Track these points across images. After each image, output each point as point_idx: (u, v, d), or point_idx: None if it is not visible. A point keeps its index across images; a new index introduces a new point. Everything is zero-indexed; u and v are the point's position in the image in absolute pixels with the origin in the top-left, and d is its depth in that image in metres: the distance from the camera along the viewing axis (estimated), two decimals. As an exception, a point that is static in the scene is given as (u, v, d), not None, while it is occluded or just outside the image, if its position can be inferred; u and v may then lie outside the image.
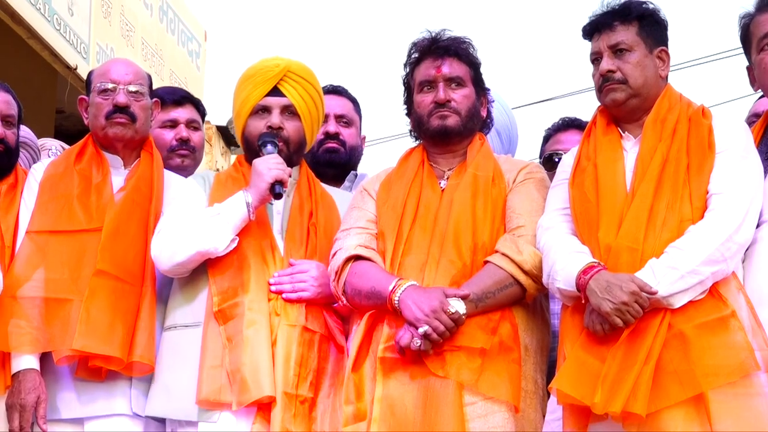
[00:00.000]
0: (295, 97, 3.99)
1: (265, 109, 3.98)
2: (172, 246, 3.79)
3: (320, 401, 3.73)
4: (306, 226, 3.95)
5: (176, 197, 3.99)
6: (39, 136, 4.85)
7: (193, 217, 3.83)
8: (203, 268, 3.83)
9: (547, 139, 4.70)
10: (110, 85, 4.05)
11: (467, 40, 3.95)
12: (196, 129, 4.64)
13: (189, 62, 11.01)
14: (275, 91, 3.98)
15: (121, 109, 4.03)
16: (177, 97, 4.67)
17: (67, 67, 8.39)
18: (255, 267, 3.79)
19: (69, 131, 8.53)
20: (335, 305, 3.87)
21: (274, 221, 3.95)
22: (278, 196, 3.82)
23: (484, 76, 3.97)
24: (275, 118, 3.96)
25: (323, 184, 4.20)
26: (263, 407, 3.63)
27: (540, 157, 4.65)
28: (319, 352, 3.77)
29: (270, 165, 3.82)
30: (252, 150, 3.98)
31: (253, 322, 3.69)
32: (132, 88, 4.06)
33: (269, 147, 3.91)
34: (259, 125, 3.98)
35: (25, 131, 4.43)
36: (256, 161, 3.87)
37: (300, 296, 3.78)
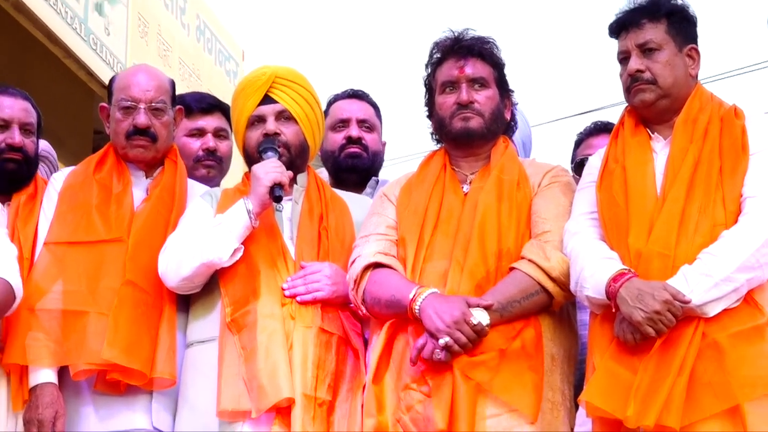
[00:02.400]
0: (287, 101, 3.90)
1: (260, 119, 3.90)
2: (176, 260, 3.71)
3: (338, 405, 3.62)
4: (317, 230, 3.85)
5: (184, 215, 3.91)
6: (77, 157, 4.77)
7: (196, 230, 3.75)
8: (216, 284, 3.75)
9: (578, 144, 4.58)
10: (131, 103, 3.96)
11: (491, 40, 3.84)
12: (224, 138, 4.53)
13: (227, 82, 11.00)
14: (268, 100, 3.90)
15: (141, 130, 3.95)
16: (204, 104, 4.56)
17: (104, 86, 8.35)
18: (265, 273, 3.70)
19: (108, 152, 8.50)
20: (352, 306, 3.76)
21: (284, 228, 3.86)
22: (278, 199, 3.73)
23: (508, 78, 3.86)
24: (270, 125, 3.88)
25: (337, 190, 4.11)
26: (282, 411, 3.52)
27: (571, 162, 4.54)
28: (337, 355, 3.66)
29: (268, 169, 3.73)
30: (253, 161, 3.89)
31: (267, 328, 3.60)
32: (153, 105, 3.97)
33: (269, 153, 3.83)
34: (255, 135, 3.90)
35: (44, 144, 4.35)
36: (254, 167, 3.79)
37: (315, 296, 3.67)
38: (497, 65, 3.82)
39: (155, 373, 3.70)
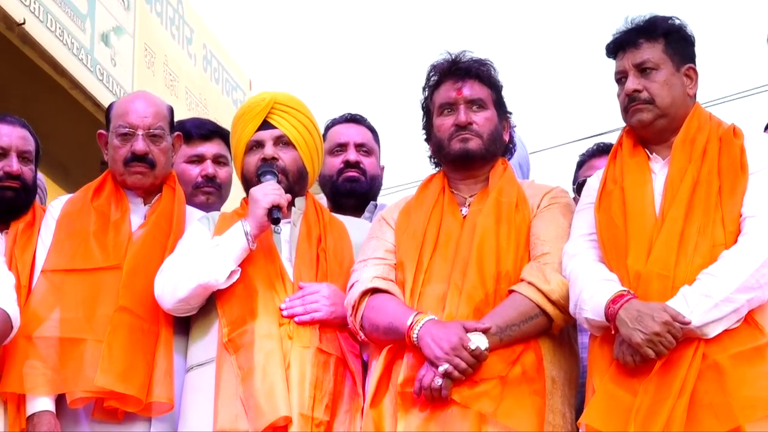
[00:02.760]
0: (286, 126, 3.89)
1: (259, 144, 3.89)
2: (173, 282, 3.69)
3: (336, 427, 3.59)
4: (316, 252, 3.83)
5: (181, 239, 3.89)
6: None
7: (193, 252, 3.73)
8: (213, 307, 3.72)
9: (580, 165, 4.56)
10: (128, 130, 3.94)
11: (488, 62, 3.82)
12: (224, 165, 4.50)
13: (234, 111, 10.93)
14: (267, 126, 3.89)
15: (139, 157, 3.93)
16: (204, 131, 4.53)
17: (109, 116, 8.38)
18: (263, 293, 3.68)
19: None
20: (350, 327, 3.73)
21: (283, 249, 3.84)
22: (276, 221, 3.71)
23: (506, 99, 3.85)
24: (269, 150, 3.86)
25: (335, 214, 4.10)
26: (279, 431, 3.49)
27: (573, 184, 4.51)
28: (335, 375, 3.63)
29: (266, 191, 3.72)
30: (252, 186, 3.85)
31: (264, 348, 3.57)
32: (151, 131, 3.96)
33: (268, 176, 3.81)
34: (253, 160, 3.88)
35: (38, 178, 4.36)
36: (253, 189, 3.77)
37: (313, 317, 3.65)
38: (495, 87, 3.80)
39: (152, 398, 3.67)
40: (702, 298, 3.17)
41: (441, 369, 3.33)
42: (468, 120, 3.71)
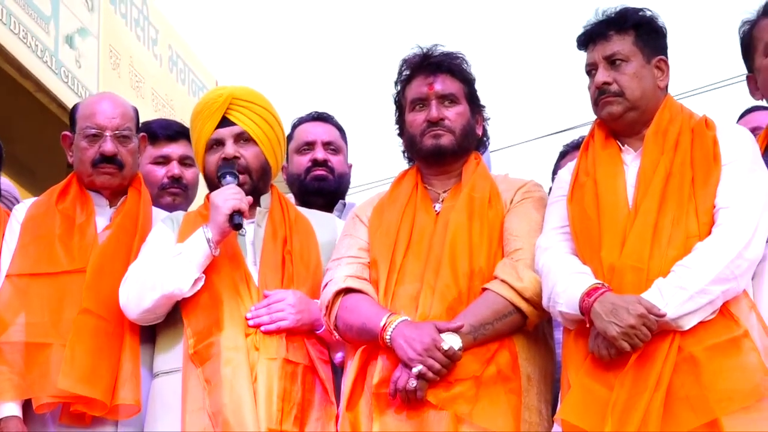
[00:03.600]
0: (246, 122, 3.80)
1: (219, 142, 3.81)
2: (137, 293, 3.62)
3: None
4: (281, 254, 3.76)
5: (146, 242, 3.82)
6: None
7: (156, 261, 3.66)
8: (179, 313, 3.66)
9: (563, 155, 4.55)
10: (96, 131, 3.89)
11: (460, 56, 3.77)
12: (190, 166, 4.45)
13: (201, 112, 10.93)
14: (226, 122, 3.81)
15: (108, 158, 3.88)
16: (170, 132, 4.49)
17: (75, 119, 8.31)
18: (228, 303, 3.60)
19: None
20: (318, 332, 3.69)
21: (248, 253, 3.76)
22: (238, 227, 3.64)
23: (479, 93, 3.80)
24: (229, 148, 3.78)
25: (300, 208, 4.03)
26: None
27: (553, 174, 4.48)
28: (303, 384, 3.57)
29: (226, 196, 3.64)
30: (214, 187, 3.80)
31: (231, 361, 3.50)
32: (119, 132, 3.90)
33: (228, 178, 3.73)
34: (214, 159, 3.81)
35: (6, 185, 4.28)
36: (212, 195, 3.70)
37: (279, 326, 3.58)
38: (467, 81, 3.75)
39: (117, 400, 3.61)
40: (677, 290, 3.14)
41: (415, 370, 3.29)
42: (440, 116, 3.66)
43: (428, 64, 3.72)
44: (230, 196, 3.63)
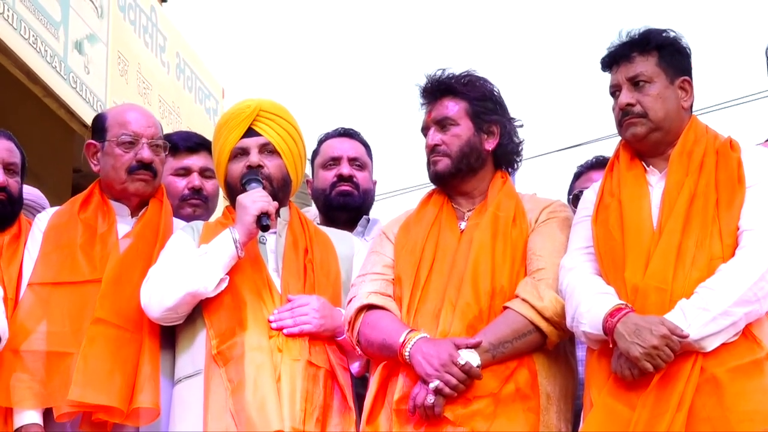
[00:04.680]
0: (271, 134, 3.84)
1: (243, 151, 3.83)
2: (160, 291, 3.61)
3: None
4: (302, 263, 3.78)
5: (165, 247, 3.81)
6: (56, 195, 4.68)
7: (180, 260, 3.66)
8: (199, 316, 3.66)
9: (578, 176, 4.54)
10: (132, 138, 3.90)
11: (465, 74, 3.77)
12: (210, 177, 4.42)
13: (207, 120, 10.90)
14: (251, 133, 3.84)
15: (144, 165, 3.89)
16: (191, 143, 4.48)
17: (84, 125, 8.27)
18: (252, 305, 3.61)
19: (87, 190, 8.43)
20: (339, 339, 3.70)
21: (269, 260, 3.78)
22: (265, 228, 3.66)
23: (494, 105, 3.77)
24: (254, 157, 3.81)
25: (319, 226, 4.06)
26: None
27: (569, 194, 4.49)
28: (324, 388, 3.59)
29: (254, 198, 3.67)
30: (235, 194, 3.80)
31: (255, 361, 3.51)
32: (154, 141, 3.93)
33: (253, 184, 3.76)
34: (238, 167, 3.83)
35: (32, 193, 4.29)
36: (240, 197, 3.71)
37: (302, 329, 3.59)
38: (472, 98, 3.73)
39: (135, 404, 3.60)
40: (700, 311, 3.13)
41: (432, 386, 3.30)
42: (433, 142, 3.70)
43: (431, 91, 3.76)
44: (258, 198, 3.66)
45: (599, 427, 3.19)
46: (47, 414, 3.64)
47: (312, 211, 4.61)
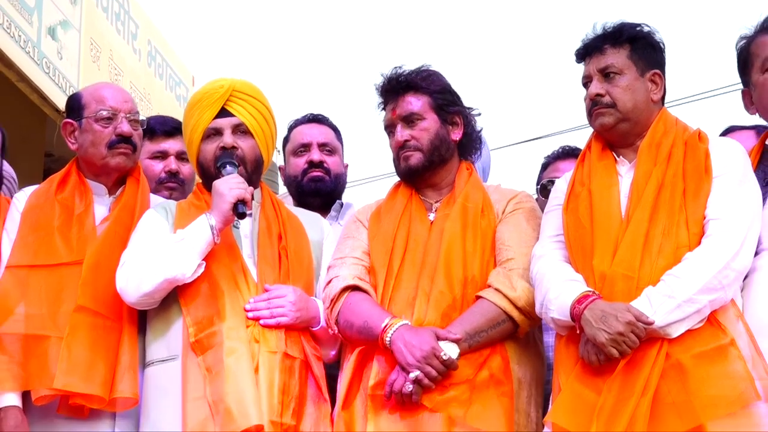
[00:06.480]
0: (244, 115, 3.76)
1: (217, 131, 3.75)
2: (137, 276, 3.53)
3: (303, 429, 3.49)
4: (277, 250, 3.71)
5: (137, 228, 3.74)
6: (28, 179, 4.57)
7: (157, 245, 3.58)
8: (173, 301, 3.58)
9: (545, 166, 4.51)
10: (110, 113, 3.83)
11: (422, 69, 3.75)
12: (187, 161, 4.36)
13: (177, 106, 10.81)
14: (224, 113, 3.75)
15: (124, 138, 3.82)
16: (168, 127, 4.43)
17: (56, 110, 8.19)
18: (229, 293, 3.54)
19: (59, 174, 8.36)
20: (314, 329, 3.66)
21: (243, 245, 3.70)
22: (242, 216, 3.58)
23: (452, 97, 3.76)
24: (228, 138, 3.73)
25: (290, 206, 4.00)
26: None
27: (537, 185, 4.47)
28: (299, 379, 3.53)
29: (231, 185, 3.58)
30: (208, 175, 3.75)
31: (234, 351, 3.43)
32: (132, 115, 3.86)
33: (228, 168, 3.68)
34: (212, 148, 3.74)
35: (7, 171, 4.18)
36: (217, 182, 3.63)
37: (279, 322, 3.53)
38: (434, 92, 3.71)
39: (115, 394, 3.54)
40: (665, 298, 3.12)
41: (412, 376, 3.30)
42: (403, 138, 3.68)
43: (391, 89, 3.73)
44: (235, 185, 3.58)
45: (566, 411, 3.18)
46: (25, 397, 3.56)
47: (288, 200, 4.55)
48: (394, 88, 3.72)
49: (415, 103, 3.69)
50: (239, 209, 3.55)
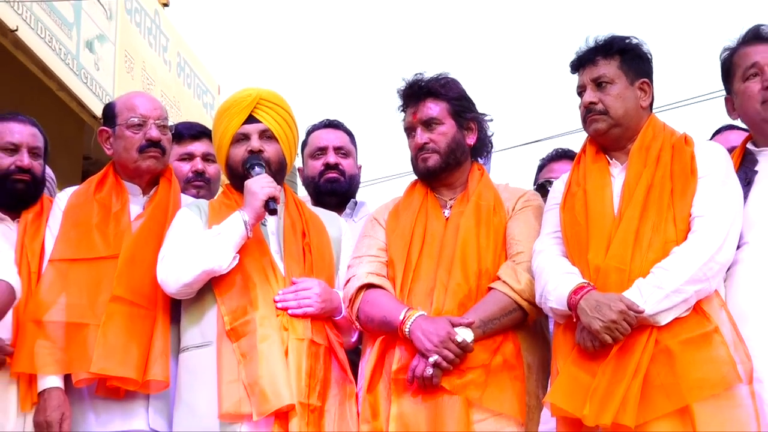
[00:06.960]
0: (270, 121, 3.89)
1: (245, 136, 3.87)
2: (177, 268, 3.66)
3: (327, 410, 3.63)
4: (301, 246, 3.84)
5: (173, 225, 3.87)
6: (67, 180, 4.76)
7: (195, 240, 3.71)
8: (207, 291, 3.71)
9: (541, 168, 4.61)
10: (140, 120, 3.97)
11: (442, 77, 3.85)
12: (212, 162, 4.51)
13: (204, 113, 10.95)
14: (251, 119, 3.89)
15: (153, 143, 3.96)
16: (194, 131, 4.58)
17: (93, 116, 8.35)
18: (260, 285, 3.68)
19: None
20: (336, 318, 3.79)
21: (271, 242, 3.83)
22: (273, 212, 3.72)
23: (468, 104, 3.87)
24: (255, 143, 3.86)
25: (312, 206, 4.13)
26: (280, 416, 3.51)
27: (534, 185, 4.55)
28: (324, 363, 3.66)
29: (262, 183, 3.72)
30: (237, 176, 3.88)
31: (267, 337, 3.57)
32: (161, 122, 3.99)
33: (257, 168, 3.81)
34: (240, 151, 3.87)
35: (48, 174, 4.35)
36: (248, 182, 3.77)
37: (305, 312, 3.67)
38: (452, 98, 3.81)
39: (148, 377, 3.67)
40: (655, 289, 3.23)
41: (431, 360, 3.40)
42: (422, 141, 3.77)
43: (412, 94, 3.83)
44: (266, 184, 3.72)
45: (563, 392, 3.28)
46: (66, 379, 3.71)
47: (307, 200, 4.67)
48: (416, 93, 3.80)
49: (434, 108, 3.78)
50: (270, 206, 3.69)
